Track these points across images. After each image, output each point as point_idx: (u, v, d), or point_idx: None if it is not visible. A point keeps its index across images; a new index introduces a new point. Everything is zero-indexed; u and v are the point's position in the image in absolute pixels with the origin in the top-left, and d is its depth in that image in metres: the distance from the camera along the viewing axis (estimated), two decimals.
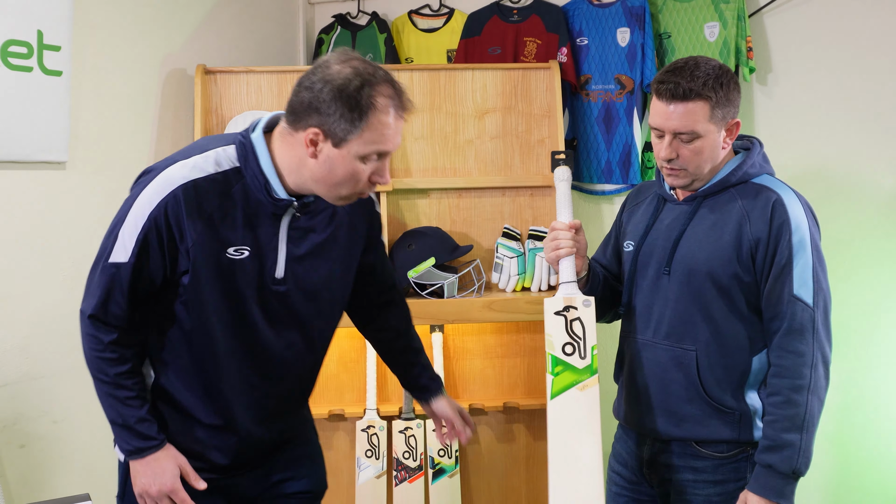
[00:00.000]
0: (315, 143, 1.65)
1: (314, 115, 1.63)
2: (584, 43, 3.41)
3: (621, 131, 3.37)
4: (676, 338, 1.96)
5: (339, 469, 3.17)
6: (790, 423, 1.83)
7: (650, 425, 2.01)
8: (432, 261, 2.88)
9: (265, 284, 1.77)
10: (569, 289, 2.02)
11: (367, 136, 1.63)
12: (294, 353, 1.87)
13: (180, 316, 1.76)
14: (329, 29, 3.79)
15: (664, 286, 1.99)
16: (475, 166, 3.14)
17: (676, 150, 1.91)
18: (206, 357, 1.78)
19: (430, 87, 3.11)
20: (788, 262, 1.86)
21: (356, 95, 1.61)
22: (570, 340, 1.98)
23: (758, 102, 3.26)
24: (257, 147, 1.72)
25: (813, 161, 3.18)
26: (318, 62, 1.68)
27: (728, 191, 1.96)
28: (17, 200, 2.47)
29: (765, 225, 1.88)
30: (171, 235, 1.69)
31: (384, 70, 1.67)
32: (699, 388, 1.93)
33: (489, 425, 3.20)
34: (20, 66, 2.45)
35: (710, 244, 1.92)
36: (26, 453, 2.52)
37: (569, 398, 1.96)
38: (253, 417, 1.85)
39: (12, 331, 2.38)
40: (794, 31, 3.19)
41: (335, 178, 1.68)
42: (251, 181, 1.72)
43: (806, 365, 1.84)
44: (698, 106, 1.87)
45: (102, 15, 2.77)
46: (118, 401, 1.74)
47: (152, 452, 1.76)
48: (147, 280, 1.72)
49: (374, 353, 3.04)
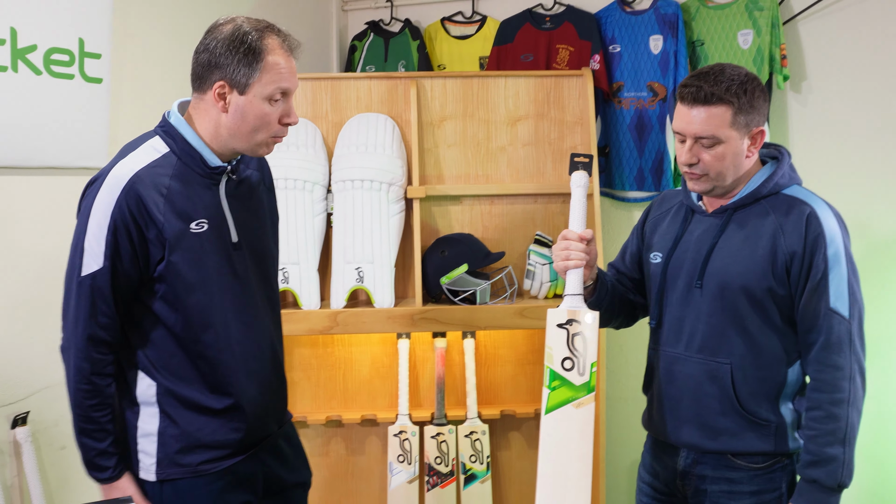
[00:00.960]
0: (223, 97, 1.79)
1: (215, 71, 1.78)
2: (616, 50, 3.41)
3: (654, 138, 3.37)
4: (710, 351, 1.95)
5: (371, 474, 3.19)
6: (832, 438, 1.82)
7: (684, 438, 2.00)
8: (465, 267, 2.88)
9: (229, 252, 1.88)
10: (574, 301, 1.97)
11: (267, 78, 1.78)
12: (266, 311, 1.99)
13: (162, 314, 1.83)
14: (362, 36, 3.82)
15: (696, 300, 1.97)
16: (507, 173, 3.14)
17: (697, 154, 1.90)
18: (197, 343, 1.85)
19: (463, 94, 3.12)
20: (825, 275, 1.85)
21: (247, 41, 1.77)
22: (569, 355, 1.93)
23: (792, 110, 3.24)
24: (179, 127, 1.84)
25: (848, 169, 3.15)
26: (208, 28, 1.82)
27: (759, 203, 1.94)
28: (58, 206, 2.51)
29: (800, 238, 1.87)
30: (137, 227, 1.77)
31: (267, 21, 1.84)
32: (734, 401, 1.92)
33: (521, 432, 3.20)
34: (62, 73, 2.50)
35: (744, 258, 1.91)
36: (67, 455, 2.56)
37: (563, 415, 1.91)
38: (255, 387, 1.93)
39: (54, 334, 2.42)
40: (828, 39, 3.18)
41: (248, 125, 1.81)
42: (186, 158, 1.83)
43: (844, 378, 1.83)
44: (720, 110, 1.86)
45: (141, 23, 2.82)
46: (83, 432, 1.82)
47: (107, 482, 1.85)
48: (125, 281, 1.79)
49: (406, 359, 3.05)
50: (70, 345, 1.80)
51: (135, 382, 1.86)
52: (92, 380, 1.79)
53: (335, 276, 2.90)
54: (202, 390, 1.87)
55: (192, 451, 1.86)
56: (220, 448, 1.89)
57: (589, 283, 2.04)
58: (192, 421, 1.86)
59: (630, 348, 3.51)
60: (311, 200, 2.94)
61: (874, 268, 3.04)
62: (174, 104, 1.89)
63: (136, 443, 1.87)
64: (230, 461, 1.90)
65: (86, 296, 1.77)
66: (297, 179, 2.92)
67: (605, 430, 2.98)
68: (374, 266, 2.88)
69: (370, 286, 2.87)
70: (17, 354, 2.44)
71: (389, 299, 2.88)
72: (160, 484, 1.86)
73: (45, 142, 2.47)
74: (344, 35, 3.96)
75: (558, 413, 1.91)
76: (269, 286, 2.02)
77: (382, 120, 3.04)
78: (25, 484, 2.41)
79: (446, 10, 3.74)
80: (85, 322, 1.77)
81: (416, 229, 2.96)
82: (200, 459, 1.87)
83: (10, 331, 2.43)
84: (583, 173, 2.08)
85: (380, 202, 2.92)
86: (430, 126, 3.11)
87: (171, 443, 1.85)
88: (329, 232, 2.99)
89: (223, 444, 1.89)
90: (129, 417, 1.87)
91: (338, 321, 2.84)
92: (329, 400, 3.17)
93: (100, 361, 1.80)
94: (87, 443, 1.82)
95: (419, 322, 2.86)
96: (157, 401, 1.86)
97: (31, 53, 2.41)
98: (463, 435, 3.05)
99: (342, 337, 3.14)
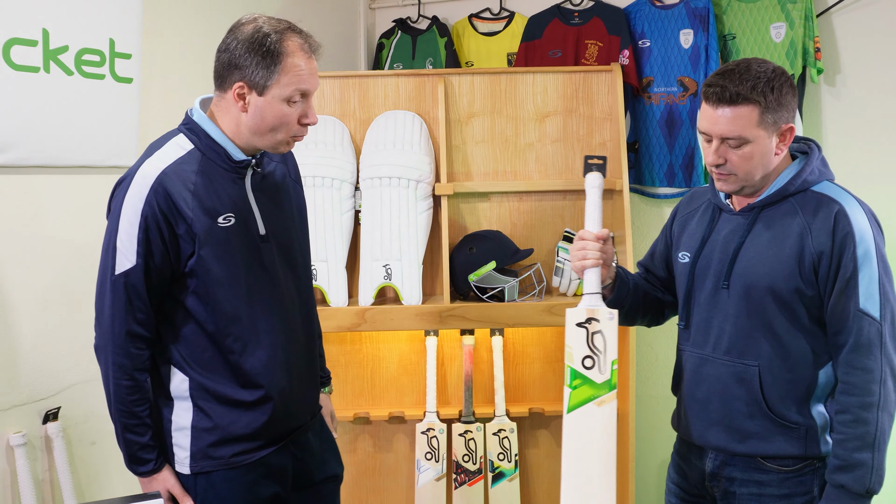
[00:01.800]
0: (242, 97, 1.81)
1: (235, 72, 1.80)
2: (646, 45, 3.38)
3: (684, 134, 3.33)
4: (738, 353, 1.91)
5: (398, 471, 3.19)
6: (861, 442, 1.78)
7: (713, 440, 1.96)
8: (493, 264, 2.87)
9: (257, 244, 1.89)
10: (592, 300, 1.95)
11: (285, 79, 1.80)
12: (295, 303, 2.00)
13: (194, 309, 1.85)
14: (390, 34, 3.82)
15: (723, 300, 1.93)
16: (536, 170, 3.13)
17: (724, 155, 1.85)
18: (227, 336, 1.87)
19: (491, 91, 3.11)
20: (854, 275, 1.79)
21: (266, 43, 1.78)
22: (590, 354, 1.92)
23: (826, 104, 3.19)
24: (203, 124, 1.86)
25: (883, 164, 3.10)
26: (231, 27, 1.83)
27: (787, 200, 1.89)
28: (90, 204, 2.54)
29: (828, 237, 1.81)
30: (168, 224, 1.79)
31: (288, 21, 1.85)
32: (762, 404, 1.89)
33: (549, 430, 3.19)
34: (93, 73, 2.52)
35: (771, 258, 1.86)
36: (97, 450, 2.59)
37: (585, 413, 1.89)
38: (285, 378, 1.95)
39: (85, 331, 2.45)
40: (863, 31, 3.12)
41: (268, 125, 1.83)
42: (211, 154, 1.85)
43: (875, 381, 1.78)
44: (747, 110, 1.80)
45: (170, 23, 2.85)
46: (127, 428, 1.84)
47: (148, 475, 1.88)
48: (157, 277, 1.82)
49: (434, 356, 3.05)
50: (106, 342, 1.82)
51: (168, 378, 1.89)
52: (134, 375, 1.82)
53: (363, 273, 2.91)
54: (233, 384, 1.89)
55: (225, 444, 1.89)
56: (252, 440, 1.91)
57: (608, 282, 2.02)
58: (225, 414, 1.89)
59: (661, 346, 3.48)
60: (339, 198, 2.94)
61: None
62: (196, 101, 1.91)
63: (170, 437, 1.90)
64: (262, 452, 1.92)
65: (120, 294, 1.80)
66: (325, 177, 2.93)
67: (634, 428, 2.95)
68: (401, 263, 2.88)
69: (398, 283, 2.87)
70: (48, 351, 2.48)
71: (417, 296, 2.87)
72: (194, 477, 1.89)
73: (76, 141, 2.50)
74: (371, 33, 3.97)
75: (580, 412, 1.90)
76: (298, 277, 2.03)
77: (410, 117, 3.04)
78: (56, 478, 2.44)
79: (474, 6, 3.73)
80: (122, 319, 1.80)
81: (444, 226, 2.96)
82: (233, 452, 1.89)
83: (43, 327, 2.47)
84: (597, 174, 2.07)
85: (408, 199, 2.92)
86: (458, 123, 3.11)
87: (204, 436, 1.88)
88: (357, 229, 3.00)
89: (254, 435, 1.91)
90: (164, 412, 1.90)
91: (366, 318, 2.84)
92: (357, 397, 3.18)
93: (138, 357, 1.83)
94: (131, 438, 1.85)
95: (447, 319, 2.86)
96: (190, 395, 1.88)
97: (62, 54, 2.43)
98: (491, 433, 3.04)
99: (370, 334, 3.14)
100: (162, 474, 1.88)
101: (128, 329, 1.80)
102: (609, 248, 1.98)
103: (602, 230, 1.98)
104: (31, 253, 2.43)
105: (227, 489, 1.90)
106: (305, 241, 2.11)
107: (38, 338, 2.45)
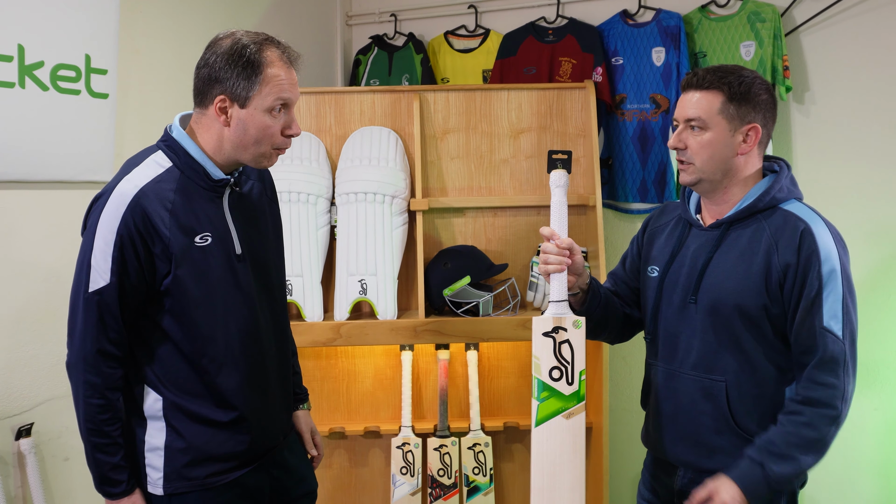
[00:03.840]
0: (224, 111, 1.81)
1: (216, 86, 1.80)
2: (619, 62, 3.42)
3: (657, 150, 3.37)
4: (705, 368, 1.92)
5: (374, 486, 3.19)
6: (807, 444, 1.78)
7: (680, 456, 1.97)
8: (468, 279, 2.89)
9: (233, 264, 1.88)
10: (559, 308, 1.93)
11: (266, 90, 1.80)
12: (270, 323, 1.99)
13: (169, 329, 1.84)
14: (366, 50, 3.85)
15: (691, 315, 1.95)
16: (510, 185, 3.16)
17: (685, 140, 1.91)
18: (203, 356, 1.85)
19: (466, 107, 3.14)
20: (819, 293, 1.80)
21: (245, 54, 1.78)
22: (557, 364, 1.89)
23: (795, 121, 3.24)
24: (182, 141, 1.86)
25: (851, 182, 3.15)
26: (208, 43, 1.84)
27: (755, 218, 1.91)
28: (65, 220, 2.54)
29: (793, 255, 1.83)
30: (144, 243, 1.78)
31: (266, 33, 1.85)
32: (729, 419, 1.89)
33: (524, 444, 3.20)
34: (69, 89, 2.52)
35: (739, 274, 1.88)
36: (70, 466, 2.57)
37: (554, 426, 1.88)
38: (259, 398, 1.94)
39: (58, 347, 2.44)
40: (831, 50, 3.18)
41: (251, 137, 1.83)
42: (189, 172, 1.84)
43: (837, 398, 1.79)
44: (712, 95, 1.88)
45: (146, 39, 2.85)
46: (97, 447, 1.81)
47: (118, 497, 1.84)
48: (132, 296, 1.80)
49: (409, 371, 3.06)
50: (78, 360, 1.79)
51: (142, 397, 1.87)
52: (105, 394, 1.80)
53: (338, 288, 2.92)
54: (208, 403, 1.87)
55: (200, 465, 1.87)
56: (227, 460, 1.90)
57: (577, 292, 2.03)
58: (199, 434, 1.87)
59: (634, 359, 3.51)
60: (315, 213, 2.96)
61: (881, 279, 3.03)
62: (175, 118, 1.90)
63: (143, 457, 1.87)
64: (237, 473, 1.91)
65: (93, 312, 1.78)
66: (300, 192, 2.94)
67: (607, 442, 2.97)
68: (377, 278, 2.89)
69: (373, 298, 2.88)
70: (21, 366, 2.47)
71: (392, 311, 2.89)
72: (168, 498, 1.87)
73: (51, 156, 2.49)
74: (348, 49, 3.99)
75: (549, 425, 1.89)
76: (273, 298, 2.03)
77: (386, 133, 3.06)
78: (29, 495, 2.42)
79: (450, 24, 3.77)
80: (94, 338, 1.78)
81: (419, 241, 2.98)
82: (207, 472, 1.88)
83: (15, 343, 2.45)
84: (562, 172, 2.05)
85: (383, 215, 2.94)
86: (433, 139, 3.13)
87: (179, 456, 1.86)
88: (332, 244, 3.01)
89: (230, 456, 1.90)
90: (137, 432, 1.88)
91: (341, 333, 2.85)
92: (332, 412, 3.18)
93: (110, 375, 1.80)
94: (101, 458, 1.81)
95: (422, 334, 2.87)
96: (164, 415, 1.86)
97: (38, 69, 2.44)
98: (466, 447, 3.05)
99: (345, 349, 3.15)
100: (133, 497, 1.85)
101: (99, 347, 1.78)
102: (577, 257, 1.97)
103: (563, 240, 1.96)
104: (4, 267, 2.43)
105: None
106: (281, 261, 2.11)
107: (11, 353, 2.44)
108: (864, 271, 3.00)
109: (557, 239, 1.97)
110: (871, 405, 3.10)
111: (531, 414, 1.91)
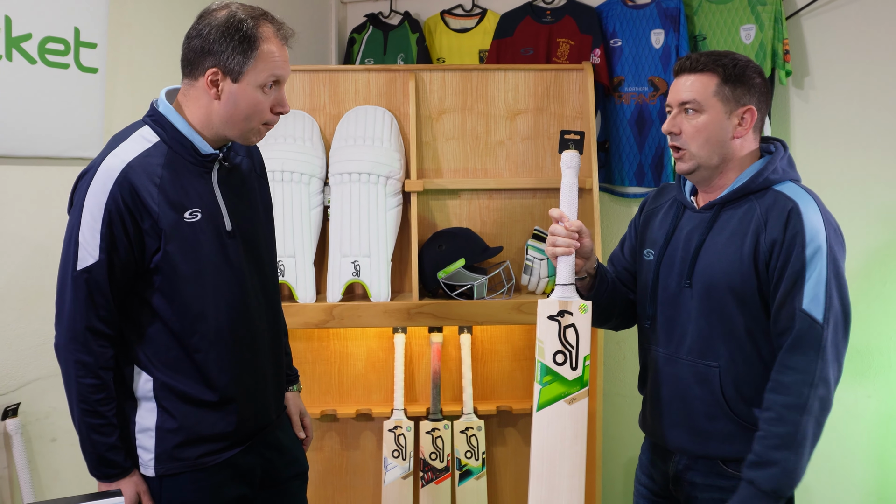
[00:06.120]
0: (216, 84, 1.77)
1: (209, 58, 1.76)
2: (617, 44, 3.38)
3: (654, 134, 3.34)
4: (699, 353, 1.89)
5: (365, 469, 3.17)
6: (779, 441, 1.73)
7: (676, 441, 1.95)
8: (462, 262, 2.86)
9: (223, 240, 1.86)
10: (565, 291, 1.90)
11: (261, 66, 1.77)
12: (261, 300, 1.96)
13: (159, 307, 1.81)
14: (361, 28, 3.80)
15: (686, 299, 1.92)
16: (506, 167, 3.12)
17: (679, 124, 1.89)
18: (193, 335, 1.83)
19: (462, 88, 3.10)
20: (800, 275, 1.76)
21: (242, 28, 1.75)
22: (561, 349, 1.87)
23: (794, 106, 3.22)
24: (169, 116, 1.82)
25: (850, 166, 3.13)
26: (200, 13, 1.79)
27: (748, 199, 1.87)
28: (52, 196, 2.49)
29: (779, 234, 1.79)
30: (132, 219, 1.74)
31: (261, 8, 1.82)
32: (723, 404, 1.87)
33: (517, 428, 3.18)
34: (57, 62, 2.47)
35: (730, 255, 1.85)
36: (57, 447, 2.54)
37: (555, 411, 1.85)
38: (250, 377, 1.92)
39: (45, 326, 2.40)
40: (831, 34, 3.16)
41: (241, 113, 1.80)
42: (177, 147, 1.81)
43: (805, 384, 1.73)
44: (706, 77, 1.86)
45: (136, 13, 2.80)
46: (92, 428, 1.78)
47: (117, 479, 1.82)
48: (121, 273, 1.77)
49: (402, 353, 3.03)
50: (67, 340, 1.76)
51: (132, 378, 1.85)
52: (98, 373, 1.76)
53: (331, 269, 2.88)
54: (198, 383, 1.85)
55: (191, 445, 1.85)
56: (218, 440, 1.88)
57: (585, 277, 2.00)
58: (190, 415, 1.85)
59: (629, 344, 3.49)
60: (308, 193, 2.92)
61: (877, 266, 3.02)
62: (162, 92, 1.87)
63: (134, 439, 1.85)
64: (229, 453, 1.89)
65: (82, 290, 1.74)
66: (293, 172, 2.90)
67: (601, 427, 2.96)
68: (370, 260, 2.86)
69: (366, 280, 2.85)
70: (8, 345, 2.43)
71: (386, 293, 2.86)
72: (159, 479, 1.85)
73: (39, 131, 2.44)
74: (343, 28, 3.94)
75: (550, 409, 1.86)
76: (264, 274, 2.00)
77: (381, 113, 3.02)
78: (15, 476, 2.39)
79: (446, 2, 3.72)
80: (83, 316, 1.74)
81: (414, 223, 2.94)
82: (199, 453, 1.86)
83: (1, 322, 2.41)
84: (574, 153, 2.01)
85: (377, 195, 2.90)
86: (429, 119, 3.09)
87: (169, 437, 1.84)
88: (326, 225, 2.98)
89: (221, 436, 1.88)
90: (128, 413, 1.85)
91: (333, 315, 2.82)
92: (324, 394, 3.15)
93: (101, 354, 1.77)
94: (97, 439, 1.78)
95: (415, 316, 2.84)
96: (154, 395, 1.84)
97: (25, 42, 2.38)
98: (458, 430, 3.03)
99: (338, 331, 3.12)
100: (133, 478, 1.83)
101: (89, 325, 1.75)
102: (587, 240, 1.94)
103: (572, 222, 1.94)
104: None
105: (193, 491, 1.86)
106: (271, 238, 2.08)
107: None
108: (861, 258, 2.99)
109: (566, 221, 1.94)
110: (865, 392, 3.09)
111: (533, 398, 1.88)
